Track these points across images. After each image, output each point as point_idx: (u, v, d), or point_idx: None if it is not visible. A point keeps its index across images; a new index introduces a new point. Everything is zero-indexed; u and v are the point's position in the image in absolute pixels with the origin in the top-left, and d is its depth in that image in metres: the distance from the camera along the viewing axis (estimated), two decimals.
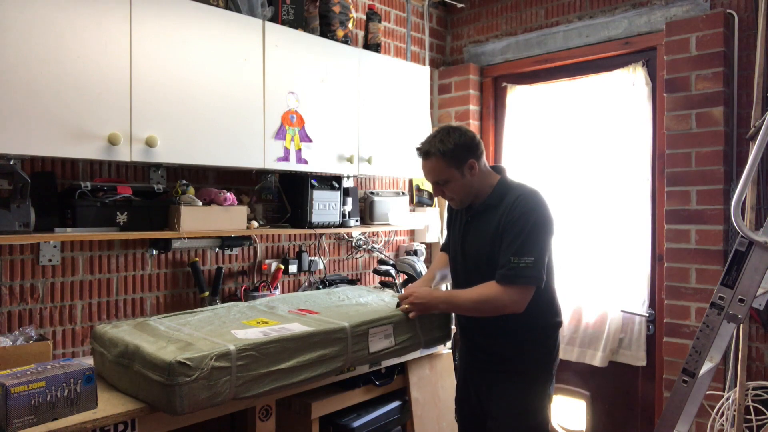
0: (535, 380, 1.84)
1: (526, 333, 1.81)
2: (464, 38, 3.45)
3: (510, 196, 1.79)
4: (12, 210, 1.63)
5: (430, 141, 1.80)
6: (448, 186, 1.82)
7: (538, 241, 1.72)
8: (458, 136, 1.78)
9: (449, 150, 1.76)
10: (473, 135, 1.82)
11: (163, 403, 1.39)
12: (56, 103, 1.63)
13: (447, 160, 1.77)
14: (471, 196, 1.85)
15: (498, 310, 1.73)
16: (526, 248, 1.69)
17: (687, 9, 2.57)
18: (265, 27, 2.15)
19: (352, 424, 1.99)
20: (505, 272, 1.70)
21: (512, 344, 1.83)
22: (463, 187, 1.82)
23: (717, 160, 2.38)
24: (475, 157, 1.80)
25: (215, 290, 2.26)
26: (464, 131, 1.81)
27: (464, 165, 1.78)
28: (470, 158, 1.79)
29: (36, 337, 1.77)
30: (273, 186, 2.48)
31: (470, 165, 1.79)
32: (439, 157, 1.77)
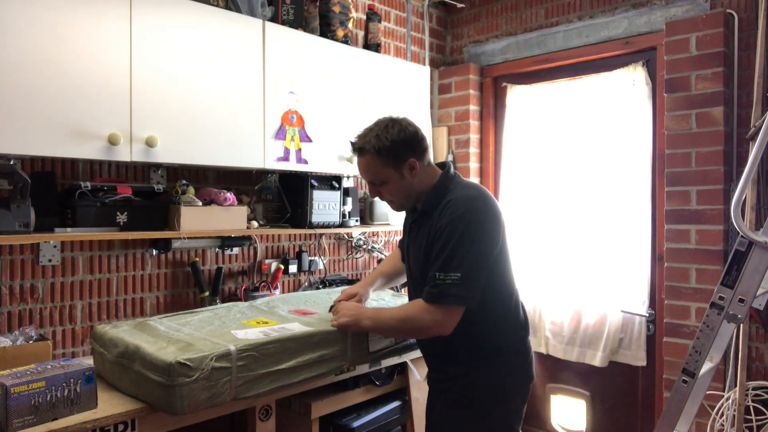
0: (489, 412, 1.59)
1: (471, 353, 1.60)
2: (464, 38, 3.45)
3: (444, 200, 1.57)
4: (12, 210, 1.63)
5: (365, 136, 1.61)
6: (385, 187, 1.62)
7: (468, 253, 1.48)
8: (397, 131, 1.58)
9: (386, 147, 1.56)
10: (416, 130, 1.62)
11: (163, 403, 1.39)
12: (56, 103, 1.63)
13: (383, 159, 1.57)
14: (412, 198, 1.65)
15: (421, 332, 1.55)
16: (453, 263, 1.47)
17: (687, 9, 2.57)
18: (265, 27, 2.15)
19: (352, 424, 1.99)
20: (429, 289, 1.50)
21: (456, 364, 1.62)
22: (403, 188, 1.62)
23: (717, 160, 2.38)
24: (416, 155, 1.60)
25: (215, 290, 2.26)
26: (405, 125, 1.61)
27: (403, 165, 1.58)
28: (410, 157, 1.58)
29: (36, 337, 1.77)
30: (273, 186, 2.48)
31: (410, 165, 1.59)
32: (374, 155, 1.57)
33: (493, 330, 1.60)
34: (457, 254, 1.47)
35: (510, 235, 3.16)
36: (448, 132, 3.33)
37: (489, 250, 1.52)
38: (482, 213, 1.52)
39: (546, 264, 3.04)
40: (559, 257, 2.99)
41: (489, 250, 1.52)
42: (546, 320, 2.99)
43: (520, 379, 1.65)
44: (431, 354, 1.72)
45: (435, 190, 1.61)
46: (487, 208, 1.54)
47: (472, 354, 1.60)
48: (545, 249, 3.05)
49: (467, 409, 1.60)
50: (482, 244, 1.50)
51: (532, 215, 3.11)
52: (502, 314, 1.61)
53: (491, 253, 1.53)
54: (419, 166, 1.60)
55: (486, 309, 1.55)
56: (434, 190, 1.61)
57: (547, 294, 3.01)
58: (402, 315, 1.57)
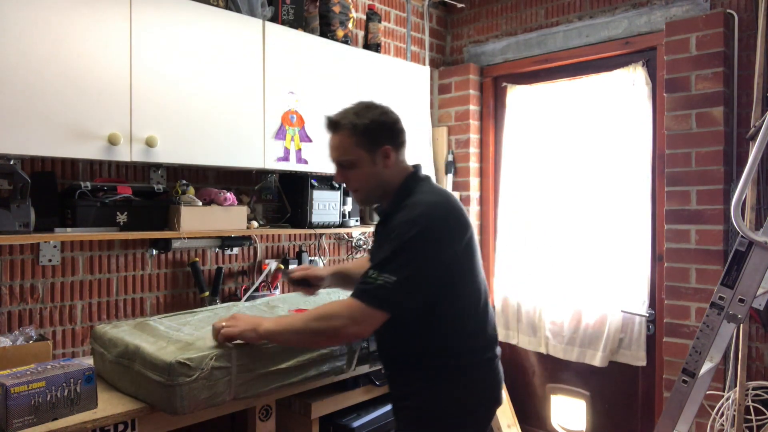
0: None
1: (429, 370, 1.47)
2: (464, 38, 3.45)
3: (404, 203, 1.45)
4: (12, 210, 1.63)
5: (344, 112, 1.50)
6: (353, 172, 1.51)
7: (412, 260, 1.35)
8: (378, 113, 1.49)
9: (363, 126, 1.46)
10: (397, 119, 1.54)
11: (163, 403, 1.39)
12: (56, 102, 1.63)
13: (357, 138, 1.47)
14: (378, 193, 1.54)
15: (338, 331, 1.37)
16: (391, 264, 1.34)
17: (687, 9, 2.57)
18: (265, 27, 2.15)
19: (352, 424, 1.99)
20: (357, 285, 1.37)
21: (415, 381, 1.49)
22: (371, 177, 1.50)
23: (717, 160, 2.38)
24: (393, 144, 1.50)
25: (215, 290, 2.26)
26: (387, 111, 1.52)
27: (377, 149, 1.48)
28: (387, 143, 1.48)
29: (36, 337, 1.77)
30: (273, 186, 2.48)
31: (384, 152, 1.49)
32: (349, 132, 1.47)
33: (451, 345, 1.46)
34: (397, 257, 1.34)
35: (510, 235, 3.20)
36: (448, 132, 3.33)
37: (438, 261, 1.38)
38: (439, 220, 1.40)
39: (546, 264, 3.04)
40: (559, 257, 2.99)
41: (438, 262, 1.38)
42: (546, 320, 2.99)
43: (484, 400, 1.51)
44: (390, 371, 1.60)
45: (399, 191, 1.51)
46: (448, 215, 1.42)
47: (430, 371, 1.47)
48: (545, 249, 3.05)
49: (427, 428, 1.48)
50: (430, 253, 1.37)
51: (532, 215, 3.11)
52: (461, 329, 1.47)
53: (441, 265, 1.39)
54: (393, 157, 1.50)
55: (441, 321, 1.44)
56: (398, 191, 1.51)
57: (547, 294, 3.01)
58: (320, 312, 1.40)
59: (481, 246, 3.34)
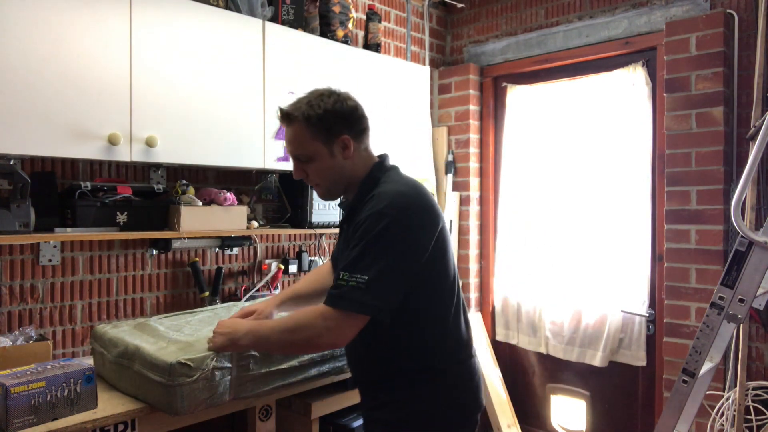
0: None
1: (402, 377, 1.38)
2: (464, 38, 3.45)
3: (370, 195, 1.35)
4: (12, 210, 1.63)
5: (297, 102, 1.41)
6: (312, 166, 1.41)
7: (383, 255, 1.25)
8: (333, 101, 1.39)
9: (316, 116, 1.36)
10: (356, 106, 1.43)
11: (163, 403, 1.39)
12: (56, 102, 1.63)
13: (312, 130, 1.37)
14: (341, 185, 1.44)
15: (311, 343, 1.30)
16: (361, 263, 1.24)
17: (687, 9, 2.57)
18: (265, 27, 2.15)
19: (352, 424, 1.99)
20: (329, 291, 1.27)
21: (388, 390, 1.40)
22: (331, 170, 1.40)
23: (717, 160, 2.38)
24: (351, 133, 1.40)
25: (215, 290, 2.26)
26: (344, 98, 1.41)
27: (334, 140, 1.38)
28: (344, 133, 1.38)
29: (36, 337, 1.77)
30: (273, 186, 2.48)
31: (343, 142, 1.39)
32: (302, 124, 1.37)
33: (424, 348, 1.37)
34: (368, 254, 1.25)
35: (510, 235, 3.19)
36: (448, 132, 3.33)
37: (412, 254, 1.29)
38: (409, 211, 1.30)
39: (546, 264, 3.04)
40: (559, 257, 2.99)
41: (412, 255, 1.29)
42: (546, 320, 2.99)
43: (462, 407, 1.42)
44: (361, 379, 1.50)
45: (363, 183, 1.41)
46: (418, 205, 1.32)
47: (403, 377, 1.37)
48: (545, 249, 3.05)
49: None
50: (403, 246, 1.27)
51: (532, 215, 3.11)
52: (435, 330, 1.38)
53: (416, 259, 1.30)
54: (353, 147, 1.40)
55: (414, 323, 1.35)
56: (363, 183, 1.41)
57: (547, 294, 3.01)
58: (291, 323, 1.32)
59: (481, 246, 3.34)
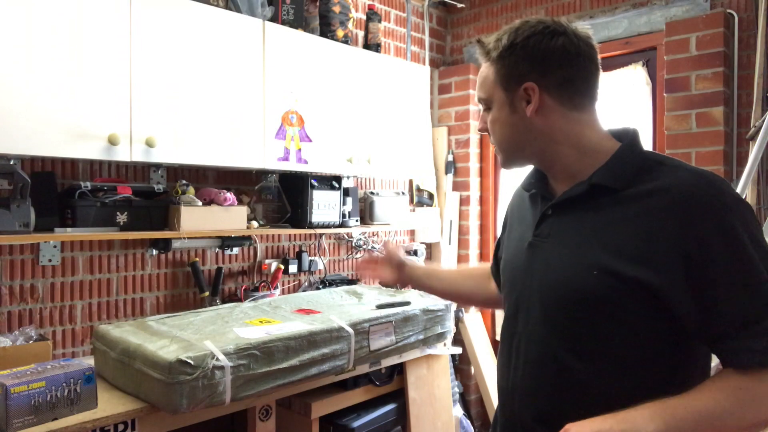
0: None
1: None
2: (464, 38, 3.45)
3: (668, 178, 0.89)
4: (12, 210, 1.63)
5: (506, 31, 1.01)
6: (490, 117, 1.03)
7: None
8: (529, 34, 0.98)
9: (509, 49, 0.98)
10: (564, 45, 0.97)
11: (163, 401, 1.39)
12: (56, 103, 1.63)
13: (497, 70, 0.99)
14: (525, 153, 1.02)
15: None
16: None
17: (687, 9, 2.57)
18: (265, 27, 2.15)
19: (352, 424, 1.99)
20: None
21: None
22: (510, 128, 1.00)
23: (717, 160, 2.38)
24: (545, 82, 0.96)
25: (215, 290, 2.26)
26: (553, 32, 0.98)
27: (516, 88, 0.97)
28: (530, 79, 0.96)
29: (36, 337, 1.76)
30: (273, 186, 2.48)
31: (525, 93, 0.97)
32: (492, 62, 1.01)
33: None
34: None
35: None
36: (448, 132, 3.33)
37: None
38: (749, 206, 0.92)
39: None
40: None
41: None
42: None
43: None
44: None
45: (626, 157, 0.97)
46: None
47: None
48: None
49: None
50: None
51: None
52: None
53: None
54: (547, 103, 0.97)
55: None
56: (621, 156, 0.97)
57: None
58: (739, 397, 0.82)
59: (481, 246, 3.34)
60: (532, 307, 0.99)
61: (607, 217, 0.91)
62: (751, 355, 0.81)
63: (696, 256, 0.83)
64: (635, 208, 0.89)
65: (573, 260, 0.93)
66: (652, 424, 0.80)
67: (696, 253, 0.83)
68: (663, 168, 0.91)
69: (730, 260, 0.82)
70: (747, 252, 0.82)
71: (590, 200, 0.94)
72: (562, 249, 0.96)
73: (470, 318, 3.16)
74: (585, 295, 0.90)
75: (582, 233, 0.94)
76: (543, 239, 0.99)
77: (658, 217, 0.86)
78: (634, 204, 0.89)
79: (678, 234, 0.84)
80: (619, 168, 0.93)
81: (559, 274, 0.94)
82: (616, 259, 0.87)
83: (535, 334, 0.98)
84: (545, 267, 0.97)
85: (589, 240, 0.92)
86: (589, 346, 0.92)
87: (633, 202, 0.89)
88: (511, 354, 1.04)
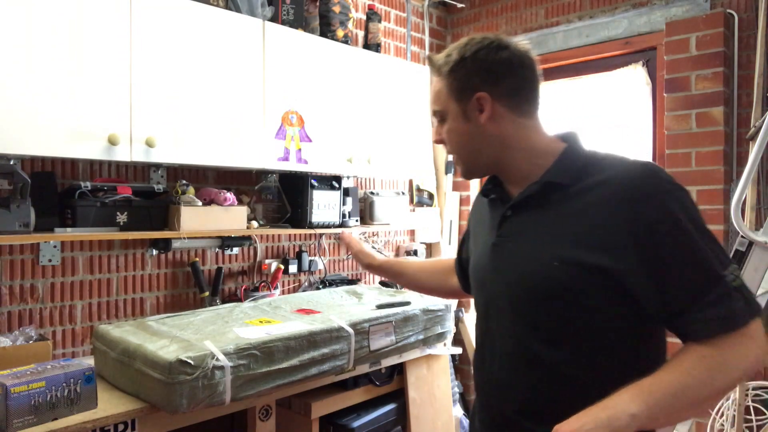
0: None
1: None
2: None
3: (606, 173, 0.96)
4: (12, 210, 1.63)
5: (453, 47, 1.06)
6: (444, 127, 1.08)
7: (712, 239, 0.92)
8: (477, 48, 1.02)
9: (459, 63, 1.03)
10: (510, 58, 1.02)
11: (163, 401, 1.39)
12: (56, 103, 1.63)
13: (446, 82, 1.05)
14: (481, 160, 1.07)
15: (745, 376, 0.92)
16: (722, 254, 0.91)
17: (687, 9, 2.57)
18: (265, 27, 2.15)
19: (352, 424, 1.99)
20: (734, 304, 0.88)
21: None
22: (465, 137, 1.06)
23: (717, 160, 2.38)
24: (495, 91, 1.01)
25: (215, 290, 2.26)
26: (497, 46, 1.02)
27: (468, 98, 1.03)
28: (481, 89, 1.01)
29: (36, 337, 1.76)
30: (273, 186, 2.48)
31: (478, 102, 1.02)
32: (439, 74, 1.07)
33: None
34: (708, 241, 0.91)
35: None
36: None
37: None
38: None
39: None
40: None
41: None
42: None
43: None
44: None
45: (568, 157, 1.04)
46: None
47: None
48: None
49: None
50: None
51: None
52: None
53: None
54: (496, 111, 1.03)
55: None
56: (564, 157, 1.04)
57: None
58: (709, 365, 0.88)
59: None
60: (501, 303, 1.05)
61: (561, 212, 0.98)
62: (707, 325, 0.89)
63: (645, 239, 0.89)
64: (586, 200, 0.95)
65: (535, 254, 0.99)
66: (633, 405, 0.84)
67: (644, 236, 0.89)
68: (605, 162, 0.99)
69: (674, 241, 0.89)
70: (688, 231, 0.89)
71: (544, 198, 1.00)
72: (524, 245, 1.02)
73: (470, 318, 3.16)
74: (550, 286, 0.96)
75: (541, 229, 1.00)
76: (506, 239, 1.05)
77: (608, 206, 0.92)
78: (584, 197, 0.96)
79: (627, 219, 0.90)
80: (567, 166, 1.01)
81: (524, 269, 1.00)
82: (575, 249, 0.94)
83: (507, 329, 1.04)
84: (510, 264, 1.03)
85: (548, 234, 0.98)
86: (559, 335, 0.97)
87: (583, 195, 0.96)
88: (485, 351, 1.09)
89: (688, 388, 0.87)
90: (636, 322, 0.95)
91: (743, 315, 0.88)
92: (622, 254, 0.90)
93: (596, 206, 0.94)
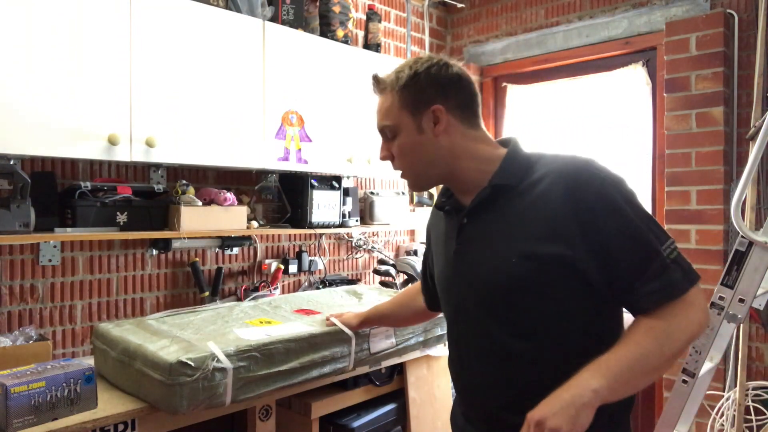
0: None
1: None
2: (464, 38, 3.44)
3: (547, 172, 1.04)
4: (12, 210, 1.63)
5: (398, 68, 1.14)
6: (396, 142, 1.14)
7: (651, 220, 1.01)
8: (428, 65, 1.10)
9: (413, 78, 1.09)
10: (459, 74, 1.11)
11: (164, 402, 1.39)
12: (56, 103, 1.62)
13: (398, 97, 1.10)
14: (433, 172, 1.13)
15: (693, 339, 0.99)
16: (658, 230, 0.99)
17: (687, 9, 2.57)
18: (265, 27, 2.15)
19: (352, 424, 1.99)
20: (672, 275, 0.96)
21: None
22: (419, 148, 1.11)
23: (717, 160, 2.38)
24: (448, 104, 1.09)
25: (215, 290, 2.26)
26: (444, 64, 1.11)
27: (423, 111, 1.09)
28: (436, 102, 1.08)
29: (36, 337, 1.76)
30: (273, 186, 2.48)
31: (434, 114, 1.08)
32: (389, 90, 1.12)
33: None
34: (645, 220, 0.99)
35: None
36: None
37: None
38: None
39: None
40: None
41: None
42: None
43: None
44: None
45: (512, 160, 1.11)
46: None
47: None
48: None
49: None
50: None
51: None
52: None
53: None
54: (447, 121, 1.10)
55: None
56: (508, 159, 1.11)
57: None
58: (657, 334, 0.95)
59: None
60: (469, 305, 1.10)
61: (513, 210, 1.04)
62: (650, 297, 0.96)
63: (588, 225, 0.96)
64: (533, 195, 1.02)
65: (495, 254, 1.05)
66: (594, 381, 0.91)
67: (588, 222, 0.96)
68: (544, 160, 1.06)
69: (614, 223, 0.96)
70: (625, 212, 0.97)
71: (496, 201, 1.07)
72: (483, 248, 1.08)
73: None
74: (511, 281, 1.02)
75: (496, 230, 1.06)
76: (466, 245, 1.11)
77: (553, 198, 0.99)
78: (530, 192, 1.03)
79: (571, 209, 0.97)
80: (511, 168, 1.07)
81: (486, 269, 1.06)
82: (530, 243, 1.00)
83: (477, 329, 1.10)
84: (473, 267, 1.09)
85: (504, 233, 1.05)
86: (528, 327, 1.03)
87: (530, 192, 1.03)
88: (461, 354, 1.15)
89: (642, 358, 0.93)
90: (596, 303, 1.02)
91: (682, 284, 0.96)
92: (572, 241, 0.97)
93: (543, 199, 1.00)
